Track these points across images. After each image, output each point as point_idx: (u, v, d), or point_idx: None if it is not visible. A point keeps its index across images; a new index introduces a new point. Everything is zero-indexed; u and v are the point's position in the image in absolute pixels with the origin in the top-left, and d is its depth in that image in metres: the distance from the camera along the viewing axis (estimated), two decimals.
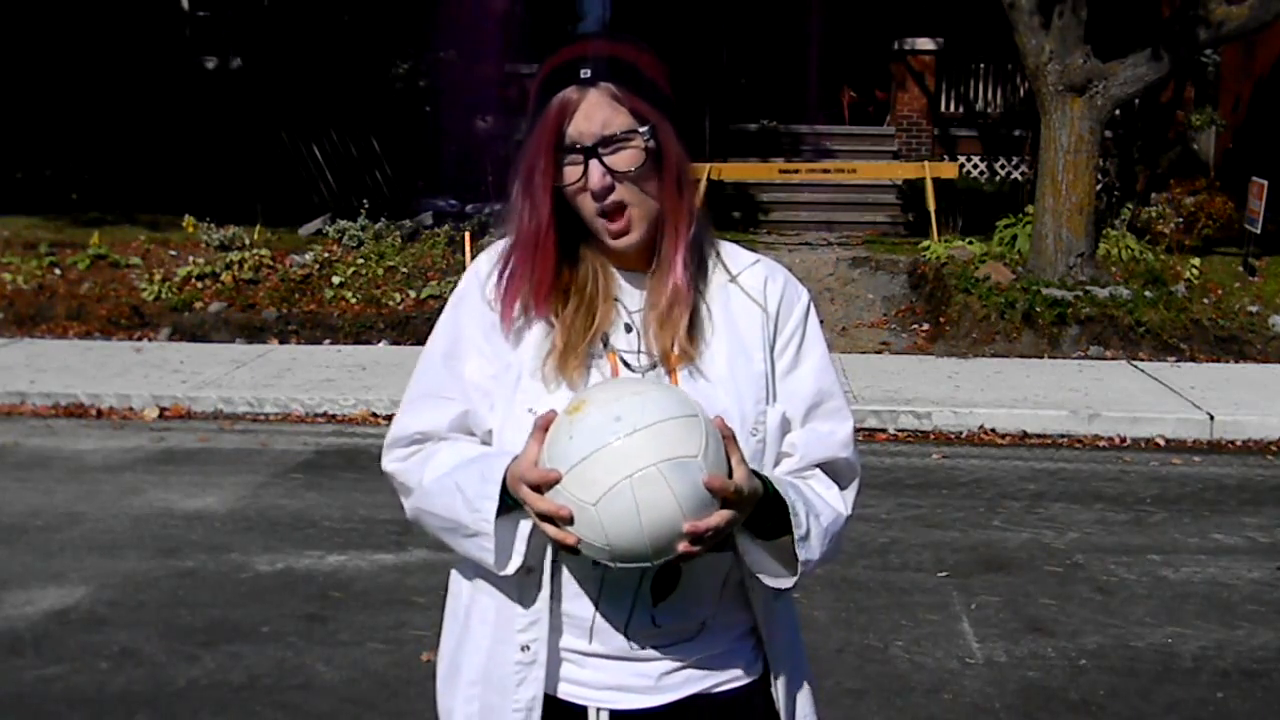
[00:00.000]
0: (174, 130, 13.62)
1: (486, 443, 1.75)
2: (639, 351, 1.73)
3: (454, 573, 1.85)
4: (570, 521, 1.52)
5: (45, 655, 4.39)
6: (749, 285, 1.78)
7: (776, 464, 1.75)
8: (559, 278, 1.72)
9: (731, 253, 1.82)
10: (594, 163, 1.64)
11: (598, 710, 1.71)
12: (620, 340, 1.74)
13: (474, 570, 1.77)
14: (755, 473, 1.63)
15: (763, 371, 1.74)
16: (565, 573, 1.70)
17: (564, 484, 1.52)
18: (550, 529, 1.55)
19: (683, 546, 1.52)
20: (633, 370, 1.72)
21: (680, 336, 1.71)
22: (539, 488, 1.55)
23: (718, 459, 1.54)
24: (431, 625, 4.66)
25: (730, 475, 1.56)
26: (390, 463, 1.81)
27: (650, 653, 1.71)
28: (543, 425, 1.58)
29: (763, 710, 1.78)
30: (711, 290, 1.77)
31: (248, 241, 11.02)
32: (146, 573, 5.18)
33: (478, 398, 1.74)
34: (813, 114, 15.56)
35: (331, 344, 9.56)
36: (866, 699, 4.15)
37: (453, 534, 1.71)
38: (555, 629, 1.71)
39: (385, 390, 7.91)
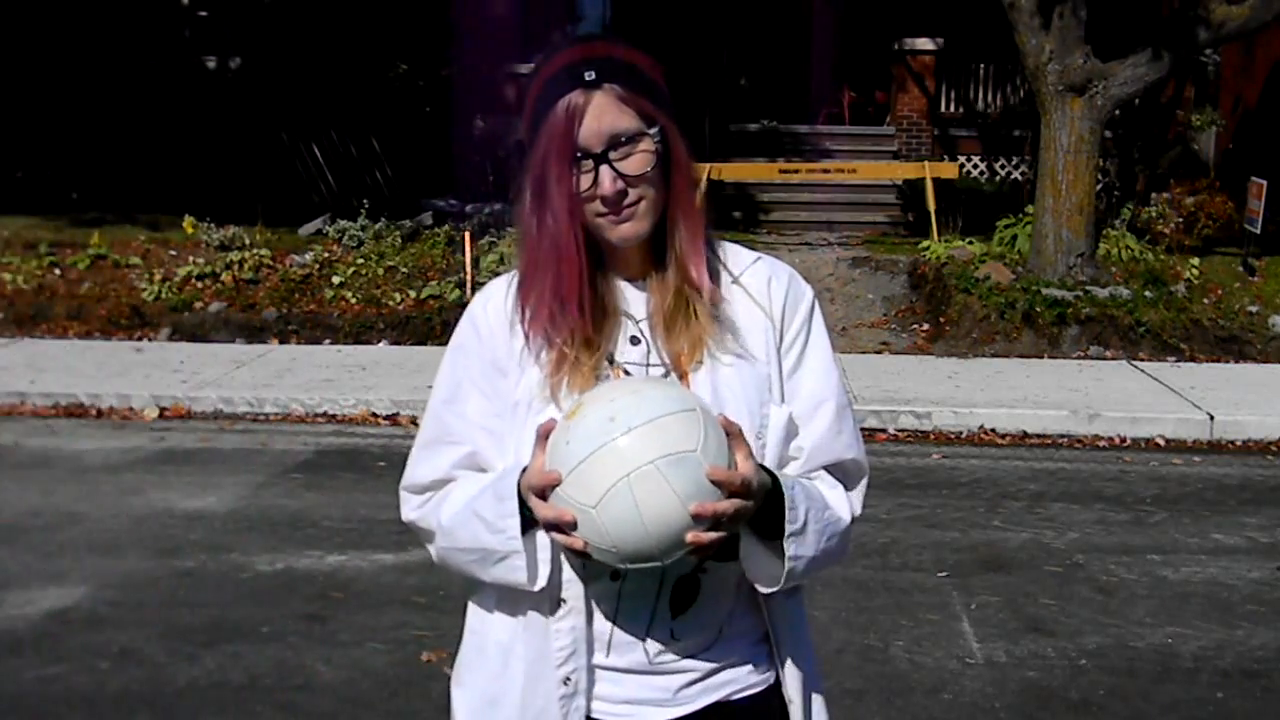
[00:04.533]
0: (174, 130, 13.63)
1: None
2: (647, 364, 1.70)
3: (474, 607, 1.80)
4: (575, 526, 1.51)
5: (45, 655, 4.39)
6: (752, 286, 1.75)
7: (782, 467, 1.72)
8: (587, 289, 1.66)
9: (733, 253, 1.79)
10: (605, 168, 1.60)
11: None
12: (627, 354, 1.70)
13: (503, 606, 1.74)
14: (764, 468, 1.60)
15: (767, 374, 1.71)
16: (584, 589, 1.67)
17: (565, 488, 1.51)
18: (558, 535, 1.53)
19: (691, 536, 1.48)
20: None
21: (694, 336, 1.68)
22: (544, 494, 1.53)
23: (719, 452, 1.51)
24: (432, 626, 4.66)
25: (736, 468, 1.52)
26: (409, 512, 1.79)
27: (668, 665, 1.69)
28: (544, 434, 1.56)
29: (779, 713, 1.76)
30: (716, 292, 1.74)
31: (248, 241, 11.01)
32: (146, 573, 5.18)
33: (483, 438, 1.72)
34: (813, 114, 15.57)
35: (331, 344, 9.55)
36: (866, 699, 4.15)
37: (482, 563, 1.68)
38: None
39: (385, 390, 7.90)
